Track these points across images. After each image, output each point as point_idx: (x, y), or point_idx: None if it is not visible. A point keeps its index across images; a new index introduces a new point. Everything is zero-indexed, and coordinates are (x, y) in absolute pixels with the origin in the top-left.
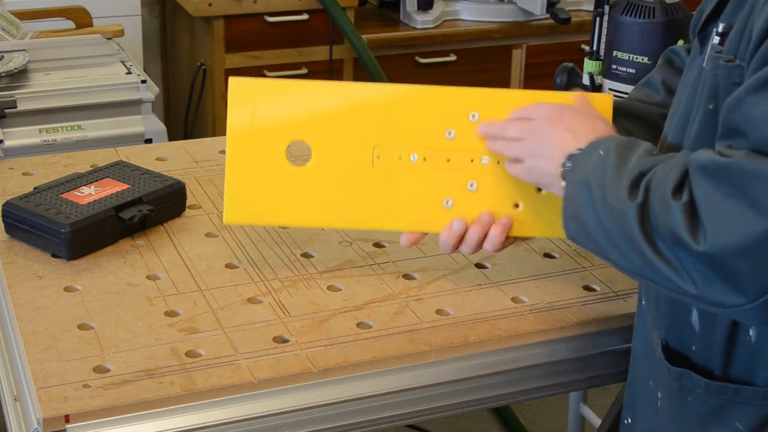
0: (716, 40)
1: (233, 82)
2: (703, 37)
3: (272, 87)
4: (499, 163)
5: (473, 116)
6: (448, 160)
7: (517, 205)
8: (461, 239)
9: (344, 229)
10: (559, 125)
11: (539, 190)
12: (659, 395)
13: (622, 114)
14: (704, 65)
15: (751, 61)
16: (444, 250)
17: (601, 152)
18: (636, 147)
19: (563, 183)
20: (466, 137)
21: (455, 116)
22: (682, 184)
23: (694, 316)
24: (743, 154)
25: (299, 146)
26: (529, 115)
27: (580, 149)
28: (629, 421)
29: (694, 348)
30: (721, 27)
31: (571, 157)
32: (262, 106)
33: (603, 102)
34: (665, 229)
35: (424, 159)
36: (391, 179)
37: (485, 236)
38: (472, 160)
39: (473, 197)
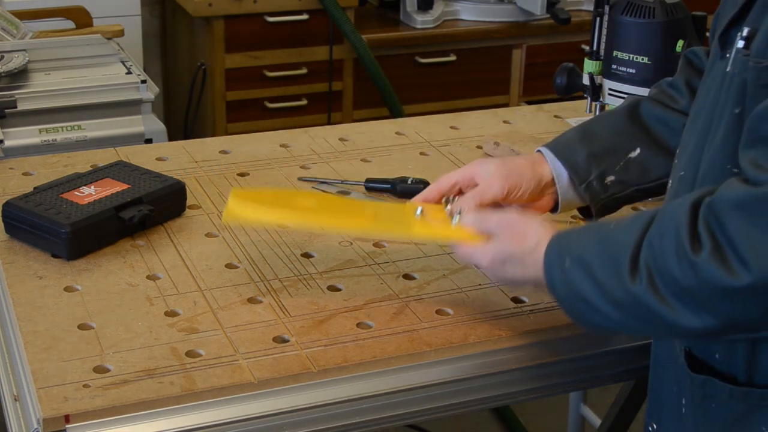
0: (741, 44)
1: (234, 192)
2: (724, 41)
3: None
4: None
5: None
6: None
7: None
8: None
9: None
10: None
11: None
12: (683, 402)
13: (651, 118)
14: (728, 69)
15: None
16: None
17: (567, 265)
18: (589, 233)
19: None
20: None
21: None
22: (694, 234)
23: None
24: None
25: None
26: None
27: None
28: (654, 427)
29: (717, 356)
30: (746, 31)
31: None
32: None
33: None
34: (702, 289)
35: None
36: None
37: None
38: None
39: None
